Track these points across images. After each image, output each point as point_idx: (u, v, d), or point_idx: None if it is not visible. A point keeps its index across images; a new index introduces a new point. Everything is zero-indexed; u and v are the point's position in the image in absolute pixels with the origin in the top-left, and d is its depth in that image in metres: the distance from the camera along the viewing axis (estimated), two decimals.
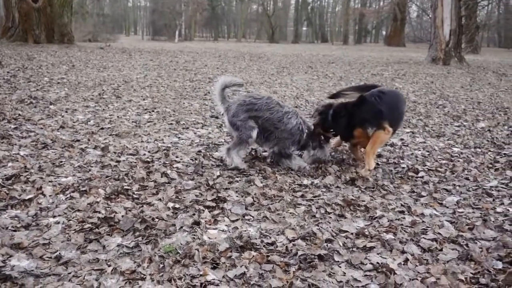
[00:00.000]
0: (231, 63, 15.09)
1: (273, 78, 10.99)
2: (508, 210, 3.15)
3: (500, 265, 2.36)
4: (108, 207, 2.91)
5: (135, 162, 3.89)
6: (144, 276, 2.16)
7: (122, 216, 2.76)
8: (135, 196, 3.16)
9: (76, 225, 2.64)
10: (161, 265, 2.25)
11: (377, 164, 4.14)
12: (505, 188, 3.63)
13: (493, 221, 2.94)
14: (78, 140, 4.52)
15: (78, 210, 2.85)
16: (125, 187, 3.27)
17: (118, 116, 5.73)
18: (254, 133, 3.89)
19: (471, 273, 2.27)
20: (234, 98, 4.23)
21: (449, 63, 16.69)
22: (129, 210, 2.88)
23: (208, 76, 10.68)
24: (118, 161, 3.90)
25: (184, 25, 52.60)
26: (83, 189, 3.21)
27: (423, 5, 52.16)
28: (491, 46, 56.49)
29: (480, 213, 3.10)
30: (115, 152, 4.16)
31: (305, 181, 3.64)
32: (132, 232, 2.60)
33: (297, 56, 20.71)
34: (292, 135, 4.01)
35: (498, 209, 3.17)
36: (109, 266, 2.24)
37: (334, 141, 4.54)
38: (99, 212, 2.81)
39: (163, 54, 17.76)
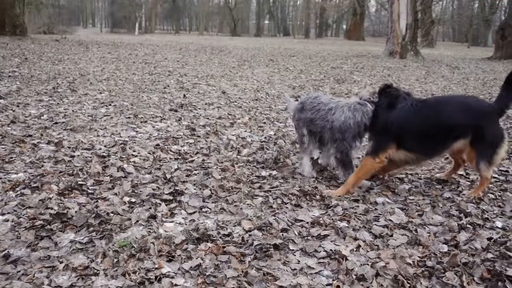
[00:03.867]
0: (192, 56, 14.94)
1: (234, 71, 10.97)
2: (453, 196, 3.31)
3: (445, 248, 2.48)
4: (61, 203, 2.83)
5: (91, 157, 3.80)
6: (98, 272, 2.12)
7: (76, 211, 2.70)
8: (89, 191, 3.10)
9: (27, 223, 2.56)
10: (115, 260, 2.22)
11: None
12: (454, 175, 3.80)
13: (441, 207, 3.08)
14: (30, 135, 4.37)
15: (29, 207, 2.76)
16: (79, 182, 3.20)
17: (73, 110, 5.57)
18: (305, 139, 3.68)
19: (418, 256, 2.37)
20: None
21: (406, 57, 17.21)
22: (83, 206, 2.82)
23: (168, 69, 10.54)
24: (73, 156, 3.80)
25: (144, 17, 51.51)
26: (35, 185, 3.11)
27: (381, 0, 53.38)
28: (446, 40, 58.67)
29: (430, 200, 3.23)
30: (69, 147, 4.05)
31: (263, 173, 3.68)
32: (86, 228, 2.55)
33: (258, 49, 20.75)
34: (343, 133, 3.42)
35: (446, 195, 3.32)
36: (61, 262, 2.19)
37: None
38: (52, 209, 2.73)
39: (122, 47, 17.35)
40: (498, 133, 3.20)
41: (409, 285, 2.08)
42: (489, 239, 2.58)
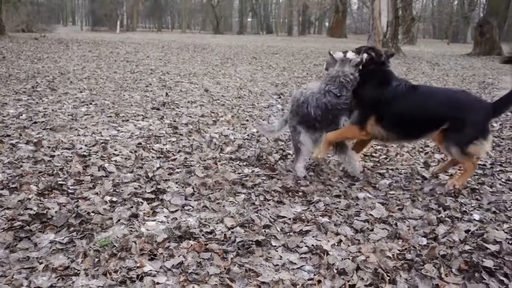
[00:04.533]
0: (174, 54, 14.84)
1: (216, 69, 10.95)
2: (433, 189, 3.37)
3: (424, 241, 2.52)
4: (40, 203, 2.79)
5: (71, 157, 3.76)
6: (78, 272, 2.11)
7: (56, 212, 2.67)
8: (70, 191, 3.06)
9: (5, 224, 2.52)
10: (96, 260, 2.20)
11: None
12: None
13: (420, 201, 3.14)
14: (8, 135, 4.29)
15: (8, 208, 2.72)
16: (59, 182, 3.16)
17: (53, 110, 5.48)
18: (301, 145, 3.56)
19: (398, 250, 2.41)
20: None
21: None
22: (63, 206, 2.79)
23: (150, 68, 10.46)
24: (52, 156, 3.75)
25: (126, 15, 50.85)
26: (13, 186, 3.06)
27: None
28: (426, 37, 59.51)
29: (410, 194, 3.28)
30: (49, 147, 3.99)
31: (246, 170, 3.69)
32: (66, 228, 2.53)
33: (241, 47, 20.73)
34: (328, 121, 3.47)
35: (425, 189, 3.38)
36: (41, 263, 2.16)
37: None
38: (31, 209, 2.69)
39: (103, 45, 17.15)
40: (480, 128, 3.20)
41: (388, 277, 2.12)
42: (467, 231, 2.64)
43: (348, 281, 2.09)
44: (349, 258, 2.31)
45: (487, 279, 2.13)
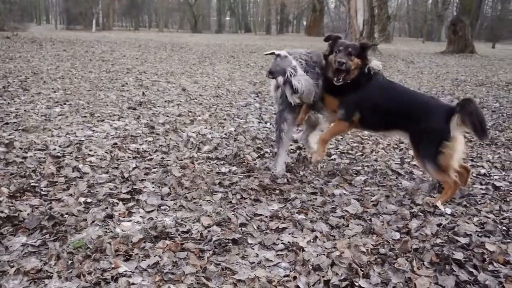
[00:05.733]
0: (151, 53, 14.70)
1: (194, 68, 10.89)
2: (407, 185, 3.43)
3: (398, 235, 2.57)
4: (12, 206, 2.73)
5: (44, 158, 3.69)
6: (51, 274, 2.07)
7: (28, 214, 2.62)
8: (43, 192, 3.00)
9: None
10: (70, 262, 2.17)
11: (292, 149, 4.30)
12: (408, 166, 3.94)
13: (394, 197, 3.20)
14: None
15: None
16: (32, 184, 3.10)
17: (25, 110, 5.36)
18: (283, 134, 3.60)
19: (372, 244, 2.45)
20: None
21: None
22: (36, 208, 2.74)
23: (127, 67, 10.33)
24: (25, 157, 3.66)
25: (102, 13, 50.00)
26: None
27: None
28: (402, 35, 60.50)
29: (384, 190, 3.34)
30: (21, 148, 3.90)
31: (223, 169, 3.69)
32: (39, 230, 2.48)
33: (219, 46, 20.67)
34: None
35: (400, 186, 3.45)
36: (12, 267, 2.12)
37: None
38: (2, 212, 2.63)
39: (78, 44, 16.85)
40: (440, 132, 3.05)
41: (362, 272, 2.15)
42: (439, 225, 2.70)
43: (323, 277, 2.12)
44: (324, 254, 2.33)
45: (457, 271, 2.19)
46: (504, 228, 2.69)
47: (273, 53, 3.42)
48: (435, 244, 2.45)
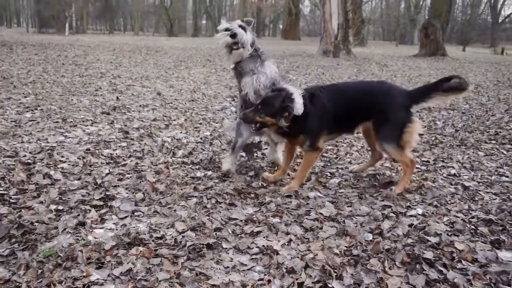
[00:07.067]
0: (126, 57, 14.53)
1: (170, 72, 10.82)
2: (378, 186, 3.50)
3: (370, 236, 2.61)
4: None
5: (14, 165, 3.59)
6: (20, 284, 2.02)
7: None
8: (12, 200, 2.93)
9: None
10: (40, 271, 2.12)
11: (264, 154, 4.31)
12: (381, 167, 4.01)
13: (367, 198, 3.25)
14: None
15: None
16: (0, 192, 3.02)
17: None
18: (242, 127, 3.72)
19: (345, 246, 2.49)
20: None
21: (339, 55, 17.86)
22: (5, 216, 2.67)
23: (101, 71, 10.18)
24: None
25: (75, 16, 49.09)
26: None
27: (315, 0, 54.88)
28: (376, 39, 61.58)
29: (358, 192, 3.39)
30: None
31: (198, 174, 3.67)
32: (8, 240, 2.42)
33: (196, 49, 20.60)
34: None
35: (372, 187, 3.50)
36: None
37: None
38: None
39: (50, 47, 16.51)
40: (402, 115, 3.31)
41: (335, 273, 2.18)
42: (410, 225, 2.76)
43: (297, 279, 2.13)
44: (298, 257, 2.35)
45: (427, 270, 2.24)
46: (473, 227, 2.76)
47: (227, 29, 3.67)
48: (406, 244, 2.50)
